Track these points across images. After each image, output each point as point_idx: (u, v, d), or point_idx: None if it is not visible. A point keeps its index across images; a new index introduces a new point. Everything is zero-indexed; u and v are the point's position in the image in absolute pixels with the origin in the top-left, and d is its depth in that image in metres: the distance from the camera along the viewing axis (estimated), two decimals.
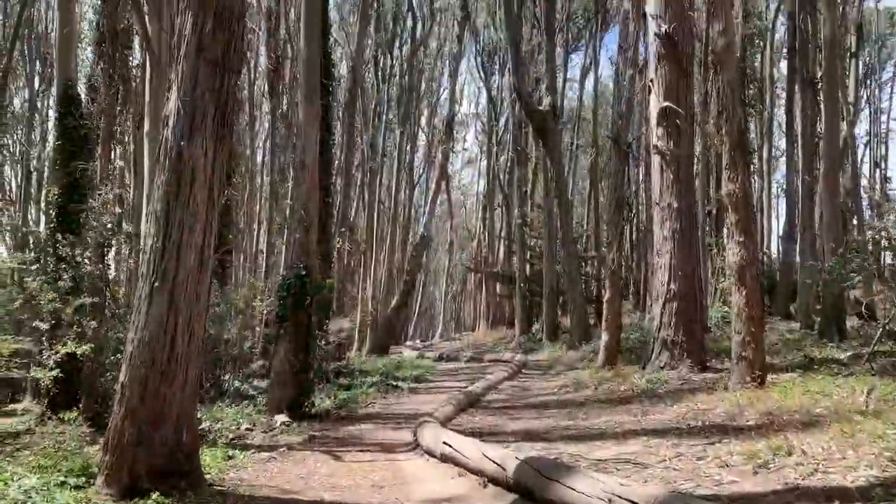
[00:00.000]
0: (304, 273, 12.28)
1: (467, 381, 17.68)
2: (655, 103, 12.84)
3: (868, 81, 43.36)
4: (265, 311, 17.18)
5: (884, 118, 50.30)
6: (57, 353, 10.90)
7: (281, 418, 11.53)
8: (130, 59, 16.90)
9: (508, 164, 42.23)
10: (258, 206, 38.77)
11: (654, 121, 12.88)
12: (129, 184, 20.94)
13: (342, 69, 36.47)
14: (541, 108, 21.78)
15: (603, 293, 18.33)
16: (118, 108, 16.30)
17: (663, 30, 12.65)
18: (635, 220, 20.48)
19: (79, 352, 10.64)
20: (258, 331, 19.36)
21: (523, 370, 18.54)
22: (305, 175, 12.43)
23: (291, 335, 12.24)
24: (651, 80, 13.01)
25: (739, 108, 10.03)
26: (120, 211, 15.73)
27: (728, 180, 10.10)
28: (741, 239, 9.97)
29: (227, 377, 16.64)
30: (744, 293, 9.92)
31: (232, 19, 6.32)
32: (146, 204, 9.68)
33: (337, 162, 30.69)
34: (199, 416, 10.78)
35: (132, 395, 6.13)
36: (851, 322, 16.77)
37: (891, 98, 50.73)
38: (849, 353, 12.66)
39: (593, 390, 12.41)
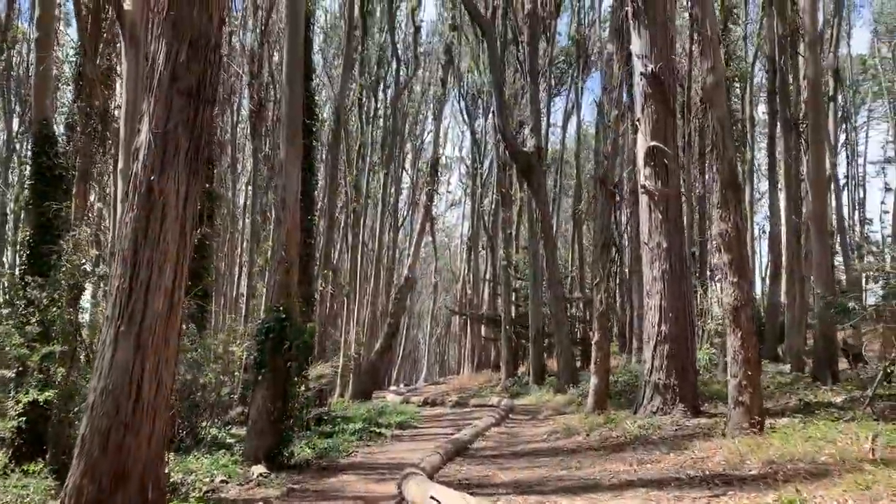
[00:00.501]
0: (283, 316, 11.84)
1: (453, 428, 17.14)
2: (642, 143, 12.70)
3: (845, 125, 44.14)
4: (244, 357, 16.62)
5: (861, 160, 51.20)
6: (18, 402, 10.31)
7: (258, 469, 10.96)
8: (111, 98, 16.61)
9: (493, 206, 42.22)
10: (239, 249, 38.31)
11: (641, 160, 12.72)
12: (107, 226, 20.50)
13: (326, 111, 36.51)
14: (525, 149, 21.70)
15: (590, 335, 17.97)
16: (96, 147, 15.93)
17: (650, 69, 12.57)
18: (619, 262, 20.33)
19: (41, 399, 10.06)
20: (237, 376, 18.76)
21: (511, 415, 18.02)
22: (287, 215, 12.08)
23: (269, 381, 11.74)
24: (638, 120, 12.90)
25: (731, 146, 9.86)
26: (97, 253, 15.28)
27: (720, 219, 9.87)
28: (735, 279, 9.70)
29: (204, 424, 16.04)
30: (739, 335, 9.62)
31: (207, 49, 6.04)
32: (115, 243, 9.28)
33: (320, 203, 30.42)
34: (170, 467, 10.21)
35: (93, 448, 5.66)
36: (840, 364, 16.53)
37: (866, 142, 51.57)
38: (844, 397, 12.35)
39: (585, 437, 11.95)
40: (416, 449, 13.04)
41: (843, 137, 40.88)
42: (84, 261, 12.63)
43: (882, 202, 63.35)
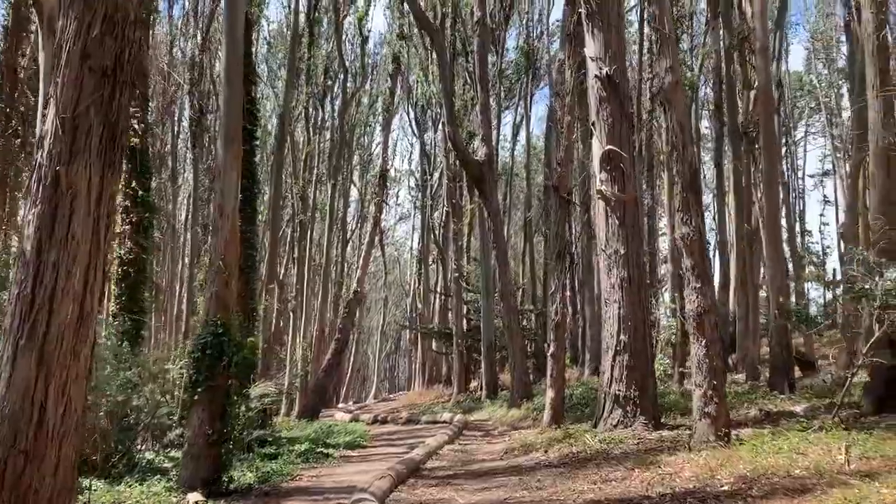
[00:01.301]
0: (221, 331, 11.01)
1: (405, 447, 16.42)
2: (598, 147, 12.34)
3: (785, 139, 45.21)
4: (182, 376, 15.61)
5: (800, 174, 52.64)
6: None
7: (194, 497, 10.08)
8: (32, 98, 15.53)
9: (443, 219, 41.74)
10: (181, 264, 36.89)
11: (597, 165, 12.35)
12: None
13: (272, 123, 35.55)
14: (477, 158, 21.27)
15: (546, 347, 17.55)
16: (16, 149, 14.84)
17: (604, 72, 12.25)
18: (573, 271, 20.00)
19: None
20: (178, 396, 17.70)
21: (465, 431, 17.40)
22: (224, 223, 11.28)
23: (206, 402, 10.87)
24: (593, 124, 12.55)
25: (690, 148, 9.52)
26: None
27: (682, 223, 9.51)
28: (698, 285, 9.33)
29: (140, 448, 15.03)
30: (703, 343, 9.24)
31: (125, 24, 5.31)
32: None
33: (265, 215, 29.45)
34: (95, 497, 9.28)
35: None
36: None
37: (805, 156, 53.04)
38: (805, 406, 12.13)
39: (543, 453, 11.41)
40: (366, 471, 12.30)
41: (783, 150, 41.80)
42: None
43: (821, 214, 65.23)
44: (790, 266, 24.64)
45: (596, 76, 12.36)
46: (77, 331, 5.11)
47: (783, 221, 30.17)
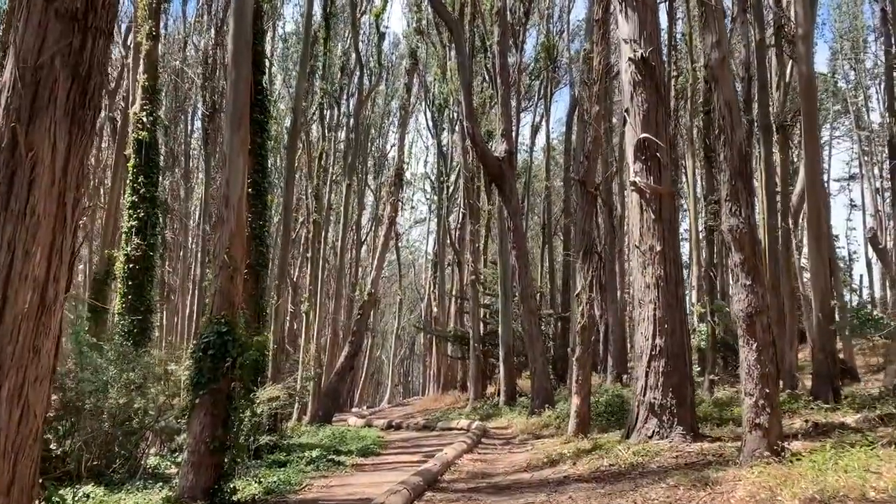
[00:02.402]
0: (225, 329, 10.21)
1: (421, 455, 15.57)
2: (631, 135, 11.45)
3: None
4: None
5: (825, 177, 51.26)
6: None
7: None
8: None
9: (459, 221, 40.92)
10: (193, 265, 36.30)
11: (630, 155, 11.46)
12: None
13: (285, 125, 34.84)
14: (496, 154, 20.40)
15: (570, 352, 16.65)
16: None
17: (639, 54, 11.36)
18: (603, 270, 19.04)
19: None
20: (183, 398, 16.98)
21: (483, 439, 16.51)
22: (230, 213, 10.50)
23: (208, 406, 10.08)
24: (626, 111, 11.66)
25: (739, 130, 8.61)
26: None
27: (730, 214, 8.59)
28: (749, 282, 8.41)
29: (146, 452, 14.34)
30: (754, 347, 8.31)
31: None
32: None
33: (278, 215, 28.75)
34: None
35: None
36: None
37: (829, 159, 51.70)
38: (857, 417, 11.14)
39: (571, 466, 10.50)
40: (380, 482, 11.45)
41: None
42: None
43: (848, 219, 63.60)
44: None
45: (630, 59, 11.48)
46: (38, 323, 4.31)
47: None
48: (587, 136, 14.21)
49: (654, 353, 10.78)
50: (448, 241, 39.68)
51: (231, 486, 10.32)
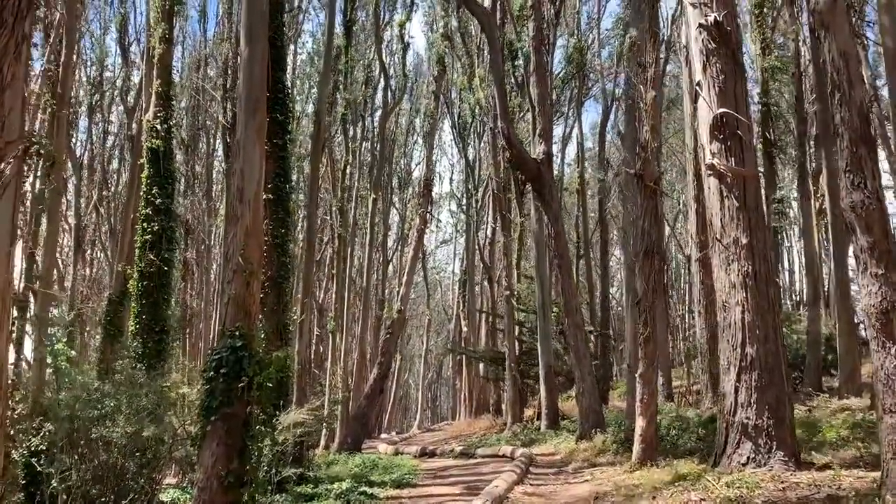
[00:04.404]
0: (240, 344, 8.75)
1: (463, 486, 13.91)
2: (706, 112, 9.88)
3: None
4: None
5: None
6: None
7: None
8: None
9: (489, 236, 39.41)
10: (215, 287, 35.13)
11: (705, 134, 9.88)
12: None
13: (308, 135, 33.70)
14: (534, 157, 18.90)
15: (628, 370, 15.00)
16: None
17: (712, 18, 9.83)
18: (664, 273, 17.12)
19: None
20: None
21: (531, 468, 14.79)
22: (245, 209, 9.08)
23: (221, 434, 8.60)
24: (698, 84, 10.10)
25: (860, 86, 7.02)
26: None
27: (852, 187, 6.98)
28: (880, 271, 6.77)
29: (160, 486, 12.93)
30: (893, 351, 6.64)
31: None
32: None
33: (301, 227, 27.50)
34: None
35: None
36: None
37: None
38: None
39: (650, 501, 8.80)
40: None
41: None
42: None
43: None
44: None
45: (701, 25, 9.94)
46: None
47: None
48: (643, 126, 12.63)
49: (744, 364, 9.10)
50: (478, 258, 38.13)
51: None
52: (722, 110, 9.61)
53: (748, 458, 8.84)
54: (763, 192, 20.14)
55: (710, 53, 9.85)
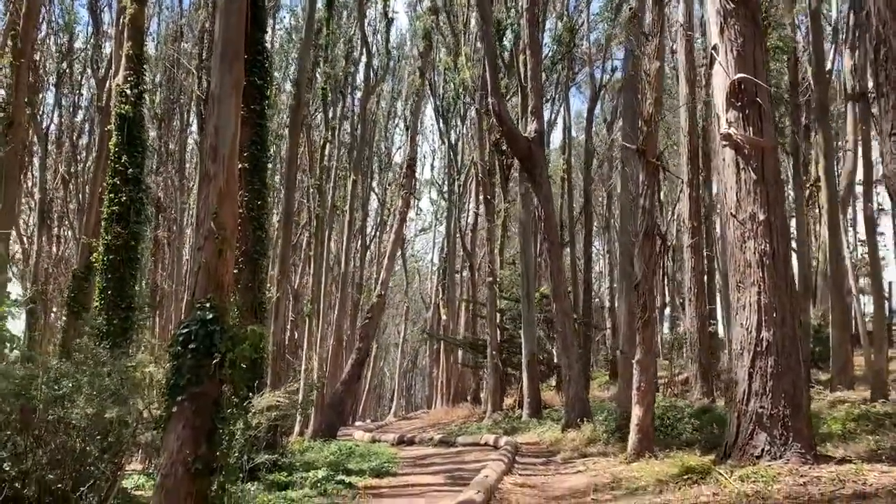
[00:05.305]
0: (210, 317, 7.88)
1: (445, 476, 13.20)
2: (722, 77, 9.17)
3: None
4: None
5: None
6: None
7: None
8: None
9: (472, 222, 38.69)
10: (187, 267, 33.99)
11: (721, 102, 9.17)
12: None
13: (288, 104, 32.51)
14: (525, 135, 18.13)
15: (619, 356, 14.37)
16: None
17: None
18: (665, 255, 16.09)
19: None
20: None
21: (517, 458, 14.09)
22: (219, 168, 8.20)
23: (189, 415, 7.76)
24: (714, 48, 9.39)
25: None
26: None
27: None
28: None
29: (123, 472, 11.99)
30: None
31: None
32: None
33: (278, 207, 26.54)
34: None
35: None
36: None
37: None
38: None
39: (657, 495, 8.12)
40: None
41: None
42: None
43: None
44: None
45: None
46: None
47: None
48: (646, 100, 11.92)
49: (759, 348, 8.44)
50: (459, 244, 37.38)
51: None
52: (740, 76, 8.90)
53: (762, 450, 8.19)
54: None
55: (729, 14, 9.13)
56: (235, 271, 12.99)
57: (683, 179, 17.69)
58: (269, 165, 16.80)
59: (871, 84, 15.42)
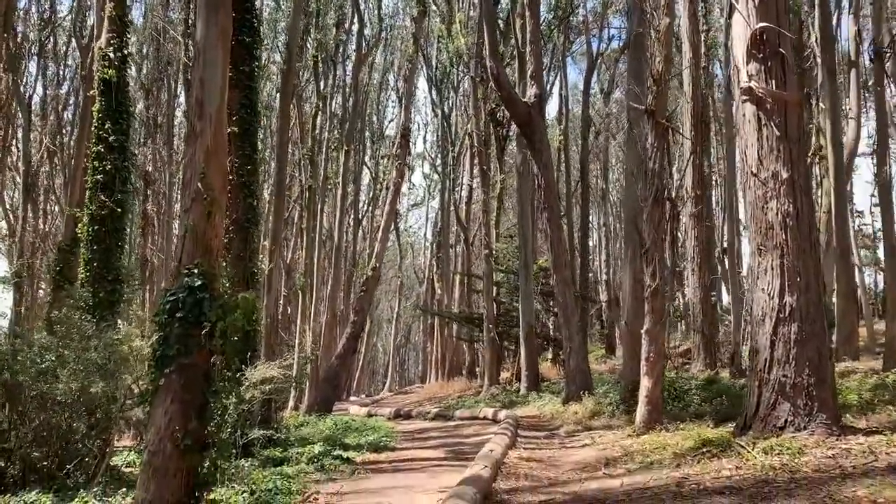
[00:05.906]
0: (199, 283, 7.34)
1: (445, 450, 12.82)
2: (742, 27, 8.61)
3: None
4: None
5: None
6: None
7: None
8: None
9: (466, 196, 38.10)
10: (175, 241, 33.36)
11: (741, 53, 8.61)
12: None
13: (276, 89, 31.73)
14: (524, 100, 17.53)
15: (624, 327, 13.92)
16: None
17: None
18: (676, 221, 15.48)
19: None
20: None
21: (519, 431, 13.70)
22: (205, 125, 7.60)
23: (177, 389, 7.23)
24: None
25: None
26: None
27: None
28: None
29: (111, 449, 11.55)
30: None
31: None
32: None
33: (269, 177, 25.90)
34: None
35: None
36: None
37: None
38: None
39: (674, 469, 7.70)
40: (407, 487, 8.68)
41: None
42: None
43: (872, 195, 60.83)
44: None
45: None
46: None
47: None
48: (655, 58, 11.34)
49: (782, 315, 7.97)
50: (454, 217, 36.82)
51: (210, 498, 7.53)
52: (762, 25, 8.34)
53: (786, 420, 7.77)
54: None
55: None
56: (226, 240, 12.50)
57: (691, 141, 17.10)
58: (259, 138, 16.14)
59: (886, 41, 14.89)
